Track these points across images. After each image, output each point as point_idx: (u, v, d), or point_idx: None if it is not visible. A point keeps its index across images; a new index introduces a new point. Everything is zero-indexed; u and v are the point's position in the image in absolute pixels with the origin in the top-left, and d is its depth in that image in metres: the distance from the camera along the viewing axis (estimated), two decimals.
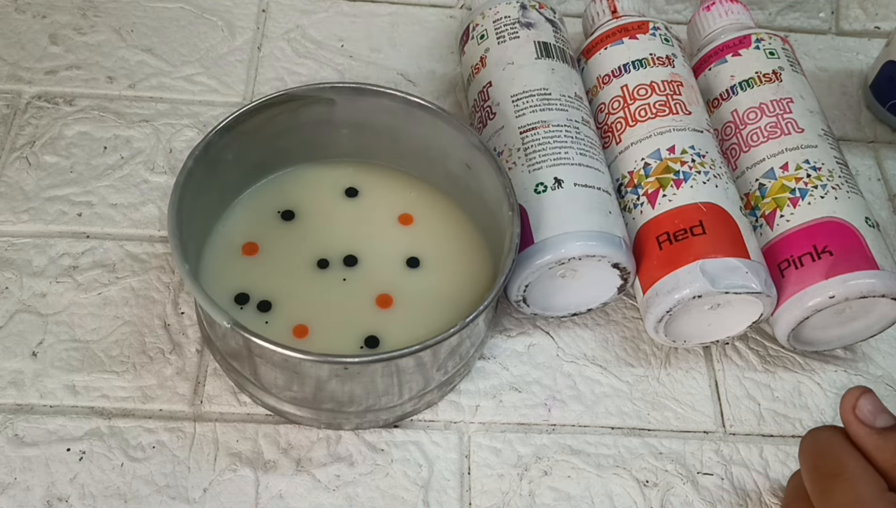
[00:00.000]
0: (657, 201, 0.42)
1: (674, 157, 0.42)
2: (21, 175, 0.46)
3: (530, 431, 0.41)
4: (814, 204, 0.42)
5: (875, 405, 0.32)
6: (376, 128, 0.44)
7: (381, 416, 0.40)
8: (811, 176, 0.43)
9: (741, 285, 0.39)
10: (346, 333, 0.40)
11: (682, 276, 0.39)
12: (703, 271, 0.39)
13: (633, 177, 0.43)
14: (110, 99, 0.50)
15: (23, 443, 0.38)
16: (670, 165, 0.42)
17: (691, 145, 0.43)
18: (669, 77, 0.45)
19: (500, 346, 0.43)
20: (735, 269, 0.39)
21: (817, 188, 0.42)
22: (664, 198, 0.41)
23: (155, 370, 0.41)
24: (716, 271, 0.39)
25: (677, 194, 0.41)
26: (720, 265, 0.39)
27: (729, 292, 0.39)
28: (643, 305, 0.41)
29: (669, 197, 0.41)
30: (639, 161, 0.43)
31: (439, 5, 0.57)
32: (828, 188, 0.42)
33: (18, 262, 0.43)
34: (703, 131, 0.44)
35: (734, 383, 0.43)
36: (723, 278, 0.39)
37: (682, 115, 0.44)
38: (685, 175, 0.42)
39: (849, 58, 0.57)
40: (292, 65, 0.53)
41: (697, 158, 0.42)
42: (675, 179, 0.42)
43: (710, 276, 0.39)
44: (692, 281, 0.39)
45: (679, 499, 0.40)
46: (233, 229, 0.43)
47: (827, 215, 0.41)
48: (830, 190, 0.42)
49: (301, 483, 0.39)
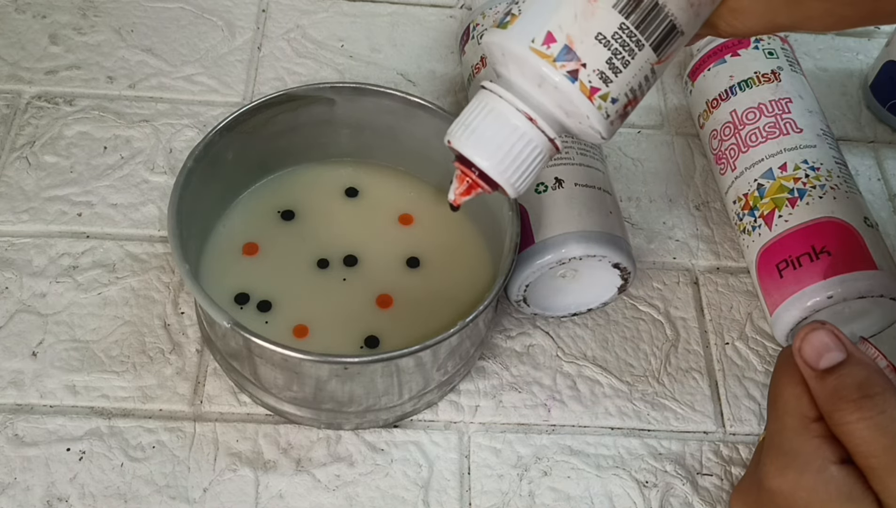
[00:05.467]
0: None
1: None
2: (21, 175, 0.46)
3: (530, 431, 0.41)
4: (812, 204, 0.42)
5: (821, 345, 0.31)
6: (376, 128, 0.44)
7: (381, 416, 0.40)
8: (810, 176, 0.43)
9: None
10: (346, 333, 0.40)
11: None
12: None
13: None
14: (110, 99, 0.50)
15: (23, 443, 0.39)
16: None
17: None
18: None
19: (500, 346, 0.43)
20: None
21: (816, 188, 0.42)
22: (780, 219, 0.42)
23: (155, 370, 0.41)
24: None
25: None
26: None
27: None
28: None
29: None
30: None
31: (439, 5, 0.57)
32: (826, 188, 0.42)
33: (18, 262, 0.43)
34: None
35: (734, 383, 0.43)
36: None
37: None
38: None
39: (849, 58, 0.57)
40: (292, 65, 0.53)
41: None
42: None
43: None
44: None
45: (679, 500, 0.40)
46: (233, 229, 0.43)
47: (825, 215, 0.41)
48: (829, 190, 0.42)
49: (301, 483, 0.39)
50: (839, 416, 0.30)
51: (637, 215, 0.48)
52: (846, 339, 0.32)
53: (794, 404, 0.31)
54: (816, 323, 0.32)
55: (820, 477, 0.30)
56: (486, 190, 0.32)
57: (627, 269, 0.41)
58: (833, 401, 0.30)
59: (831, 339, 0.31)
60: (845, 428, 0.30)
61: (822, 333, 0.31)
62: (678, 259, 0.47)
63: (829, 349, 0.31)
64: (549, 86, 0.29)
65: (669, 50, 0.30)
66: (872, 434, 0.29)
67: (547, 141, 0.31)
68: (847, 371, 0.31)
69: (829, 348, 0.31)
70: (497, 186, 0.32)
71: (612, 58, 0.29)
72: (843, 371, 0.31)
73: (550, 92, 0.30)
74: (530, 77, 0.30)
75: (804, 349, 0.31)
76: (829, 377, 0.31)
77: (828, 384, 0.31)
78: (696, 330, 0.45)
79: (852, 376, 0.30)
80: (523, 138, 0.30)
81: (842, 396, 0.30)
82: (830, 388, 0.30)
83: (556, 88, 0.29)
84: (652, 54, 0.29)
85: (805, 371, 0.32)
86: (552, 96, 0.30)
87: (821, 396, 0.31)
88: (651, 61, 0.29)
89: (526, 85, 0.30)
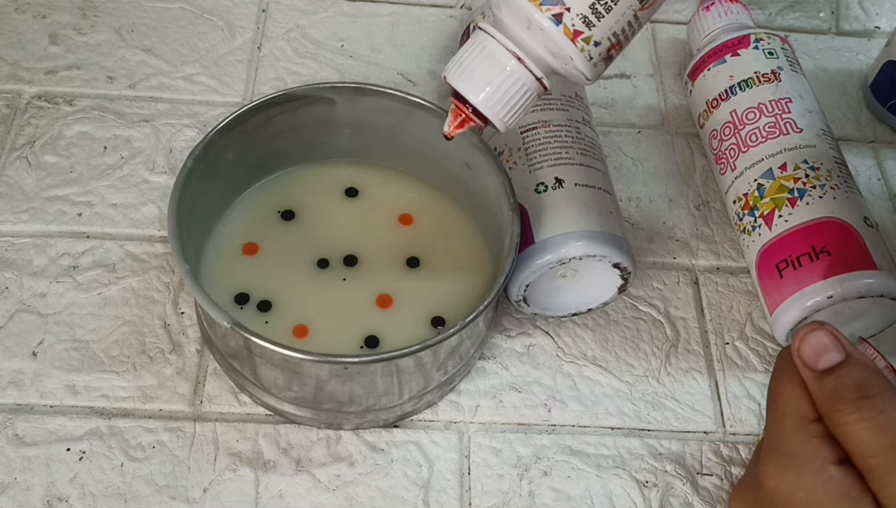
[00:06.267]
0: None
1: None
2: (21, 175, 0.46)
3: (530, 431, 0.41)
4: (812, 204, 0.42)
5: (820, 345, 0.31)
6: (376, 128, 0.44)
7: (381, 416, 0.40)
8: (809, 176, 0.43)
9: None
10: (346, 333, 0.40)
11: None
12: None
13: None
14: (110, 99, 0.50)
15: (23, 443, 0.39)
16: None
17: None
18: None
19: (500, 346, 0.43)
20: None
21: (815, 188, 0.42)
22: (780, 219, 0.42)
23: (155, 370, 0.41)
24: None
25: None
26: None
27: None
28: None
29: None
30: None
31: (439, 5, 0.57)
32: (826, 188, 0.42)
33: (18, 262, 0.43)
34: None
35: (734, 383, 0.43)
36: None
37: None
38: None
39: (849, 58, 0.57)
40: (292, 65, 0.53)
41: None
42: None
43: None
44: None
45: (679, 500, 0.40)
46: (233, 229, 0.43)
47: (825, 214, 0.41)
48: (829, 190, 0.42)
49: (301, 482, 0.39)
50: (838, 417, 0.30)
51: (637, 215, 0.48)
52: (845, 340, 0.32)
53: (793, 404, 0.31)
54: (815, 324, 0.32)
55: (819, 478, 0.30)
56: (478, 124, 0.34)
57: (627, 269, 0.41)
58: (832, 402, 0.30)
59: (830, 340, 0.31)
60: (844, 429, 0.30)
61: (821, 333, 0.31)
62: (678, 259, 0.47)
63: (827, 350, 0.31)
64: (535, 28, 0.31)
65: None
66: (871, 435, 0.29)
67: (534, 80, 0.33)
68: (846, 372, 0.31)
69: (828, 348, 0.31)
70: (488, 120, 0.34)
71: (596, 3, 0.31)
72: (841, 372, 0.31)
73: (537, 34, 0.32)
74: (519, 19, 0.32)
75: (803, 349, 0.31)
76: (827, 377, 0.31)
77: (827, 384, 0.31)
78: (696, 330, 0.45)
79: (851, 376, 0.30)
80: (511, 76, 0.33)
81: (841, 397, 0.30)
82: (829, 389, 0.30)
83: (542, 30, 0.31)
84: (635, 1, 0.31)
85: (804, 372, 0.31)
86: (539, 38, 0.32)
87: (820, 396, 0.31)
88: (634, 8, 0.31)
89: (516, 27, 0.32)
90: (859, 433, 0.29)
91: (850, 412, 0.30)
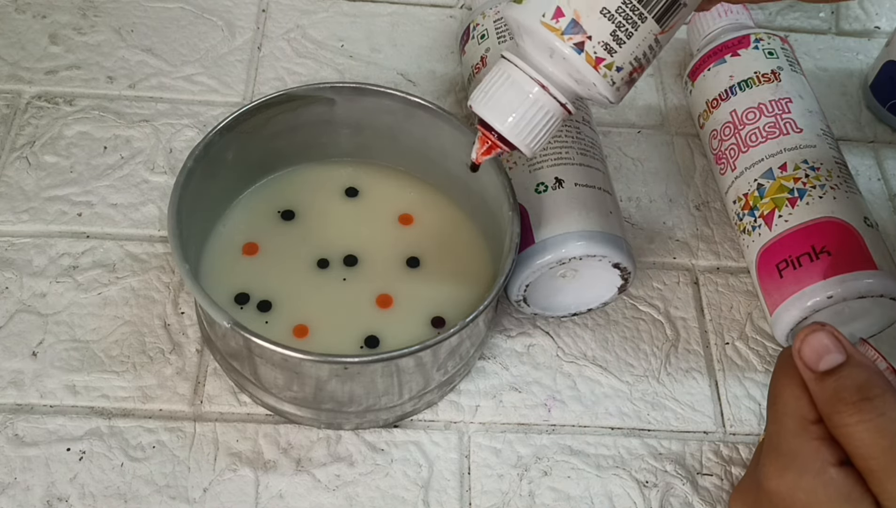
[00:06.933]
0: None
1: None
2: (21, 175, 0.46)
3: (530, 431, 0.41)
4: (812, 204, 0.42)
5: (820, 346, 0.31)
6: (376, 128, 0.44)
7: (381, 416, 0.40)
8: (809, 176, 0.43)
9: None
10: (346, 333, 0.40)
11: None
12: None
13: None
14: (110, 99, 0.50)
15: (23, 443, 0.39)
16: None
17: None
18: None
19: (500, 346, 0.43)
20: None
21: (815, 188, 0.42)
22: (780, 219, 0.42)
23: (155, 370, 0.41)
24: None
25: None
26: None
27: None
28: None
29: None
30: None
31: (439, 5, 0.57)
32: (826, 188, 0.42)
33: (18, 262, 0.43)
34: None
35: (734, 383, 0.43)
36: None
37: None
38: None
39: (849, 58, 0.57)
40: (292, 65, 0.53)
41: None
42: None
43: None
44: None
45: (679, 500, 0.40)
46: (233, 229, 0.43)
47: (825, 215, 0.41)
48: (829, 190, 0.42)
49: (301, 482, 0.39)
50: (838, 418, 0.30)
51: (637, 215, 0.48)
52: (846, 341, 0.31)
53: (794, 405, 0.31)
54: (816, 325, 0.32)
55: (819, 479, 0.30)
56: (504, 150, 0.35)
57: (627, 269, 0.41)
58: (832, 403, 0.30)
59: (831, 341, 0.31)
60: (844, 430, 0.30)
61: (821, 334, 0.31)
62: (678, 259, 0.47)
63: (828, 351, 0.31)
64: (558, 57, 0.32)
65: (673, 21, 0.32)
66: (872, 437, 0.29)
67: (558, 106, 0.33)
68: (846, 373, 0.31)
69: (829, 349, 0.31)
70: (514, 146, 0.34)
71: (616, 30, 0.31)
72: (842, 373, 0.31)
73: (560, 62, 0.32)
74: (542, 49, 0.32)
75: (804, 350, 0.31)
76: (828, 378, 0.31)
77: (827, 385, 0.31)
78: (696, 330, 0.45)
79: (852, 378, 0.30)
80: (536, 104, 0.33)
81: (841, 398, 0.30)
82: (830, 390, 0.30)
83: (565, 59, 0.32)
84: (655, 26, 0.31)
85: (804, 373, 0.31)
86: (562, 66, 0.32)
87: (820, 398, 0.31)
88: (654, 32, 0.32)
89: (539, 55, 0.33)
90: (860, 435, 0.29)
91: (850, 413, 0.30)
